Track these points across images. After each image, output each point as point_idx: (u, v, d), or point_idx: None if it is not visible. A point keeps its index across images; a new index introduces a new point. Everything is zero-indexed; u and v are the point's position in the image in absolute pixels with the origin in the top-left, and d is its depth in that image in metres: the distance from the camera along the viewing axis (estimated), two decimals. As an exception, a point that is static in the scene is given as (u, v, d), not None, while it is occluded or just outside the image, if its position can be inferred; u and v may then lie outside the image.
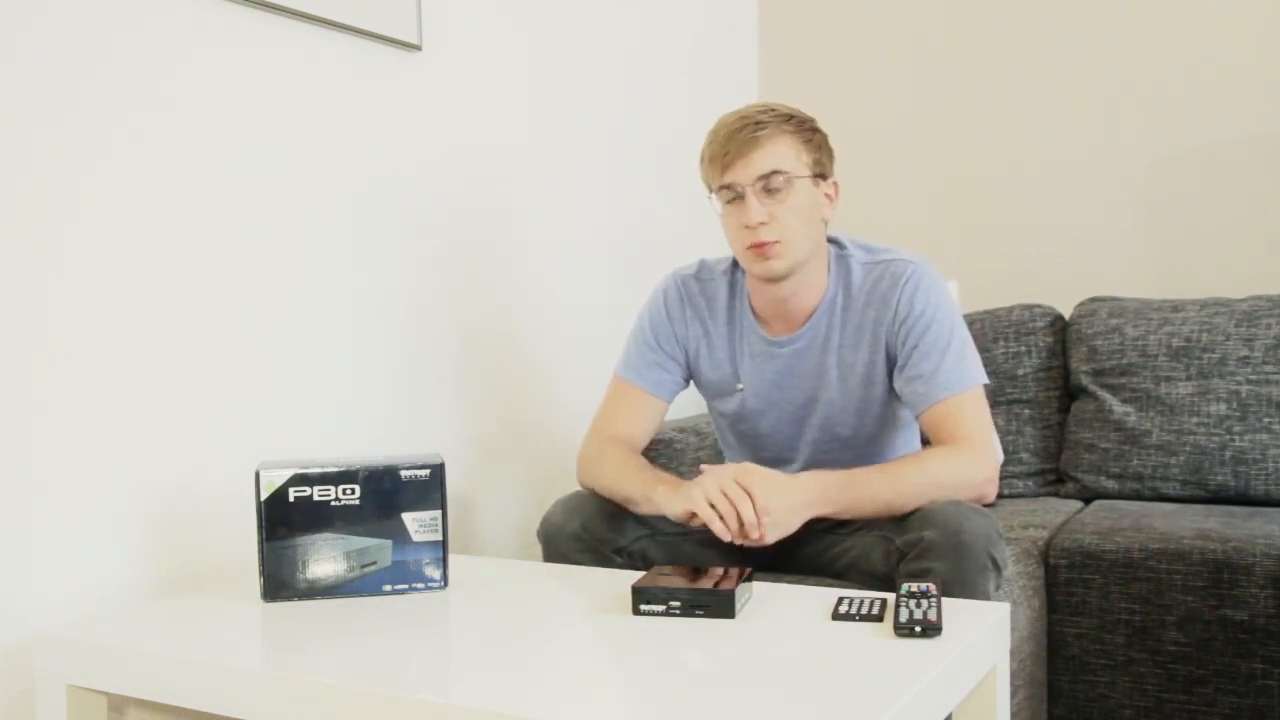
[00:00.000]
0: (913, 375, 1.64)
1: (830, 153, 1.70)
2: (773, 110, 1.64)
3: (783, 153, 1.62)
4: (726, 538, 1.47)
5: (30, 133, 1.44)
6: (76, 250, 1.50)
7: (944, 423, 1.61)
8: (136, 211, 1.57)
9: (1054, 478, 2.49)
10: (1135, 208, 2.71)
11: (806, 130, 1.66)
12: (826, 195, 1.69)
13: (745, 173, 1.61)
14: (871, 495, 1.54)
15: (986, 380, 1.67)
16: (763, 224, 1.61)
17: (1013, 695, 1.75)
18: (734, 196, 1.63)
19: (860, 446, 1.74)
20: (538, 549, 1.69)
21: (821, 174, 1.67)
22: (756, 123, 1.61)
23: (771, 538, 1.48)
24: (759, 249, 1.63)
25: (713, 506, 1.47)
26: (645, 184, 2.65)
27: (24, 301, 1.44)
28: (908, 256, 1.70)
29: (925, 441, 1.73)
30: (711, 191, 1.68)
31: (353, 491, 1.45)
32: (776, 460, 1.80)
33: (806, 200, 1.64)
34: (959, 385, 1.62)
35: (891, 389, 1.70)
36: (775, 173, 1.61)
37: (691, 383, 1.85)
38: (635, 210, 2.61)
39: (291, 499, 1.44)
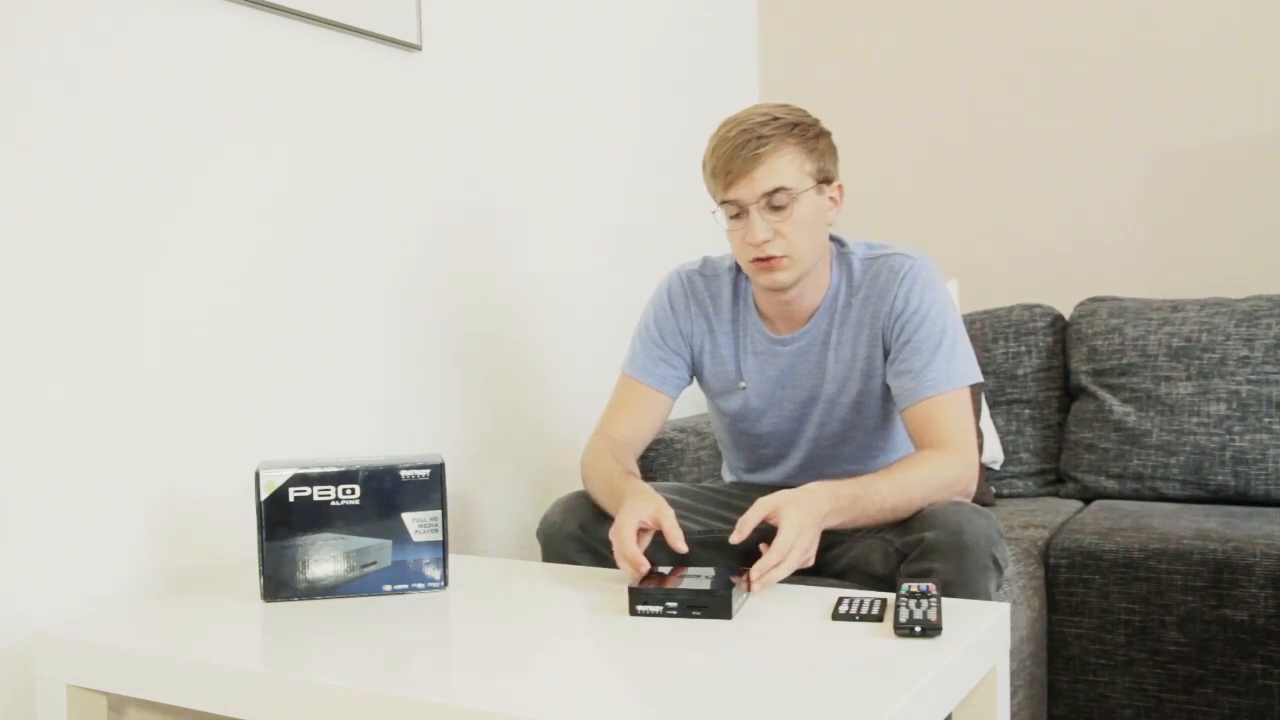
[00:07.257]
0: (902, 370, 1.64)
1: (834, 154, 1.67)
2: (775, 120, 1.60)
3: (785, 167, 1.59)
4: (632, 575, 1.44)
5: (26, 130, 1.44)
6: (76, 251, 1.50)
7: (929, 421, 1.61)
8: (135, 212, 1.57)
9: (1054, 478, 2.49)
10: (1135, 208, 2.71)
11: (810, 138, 1.62)
12: (831, 199, 1.67)
13: (748, 190, 1.58)
14: (879, 504, 1.52)
15: (980, 379, 1.66)
16: (767, 241, 1.60)
17: (1013, 695, 1.75)
18: (737, 212, 1.61)
19: (859, 440, 1.75)
20: (538, 549, 1.69)
21: (826, 179, 1.64)
22: (759, 137, 1.57)
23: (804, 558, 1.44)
24: (765, 263, 1.62)
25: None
26: (645, 184, 2.65)
27: (23, 301, 1.44)
28: (908, 252, 1.69)
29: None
30: (715, 203, 1.66)
31: (353, 491, 1.45)
32: (776, 458, 1.81)
33: (810, 211, 1.62)
34: (946, 384, 1.61)
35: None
36: (779, 190, 1.58)
37: (694, 380, 1.85)
38: (635, 210, 2.61)
39: (291, 499, 1.44)
